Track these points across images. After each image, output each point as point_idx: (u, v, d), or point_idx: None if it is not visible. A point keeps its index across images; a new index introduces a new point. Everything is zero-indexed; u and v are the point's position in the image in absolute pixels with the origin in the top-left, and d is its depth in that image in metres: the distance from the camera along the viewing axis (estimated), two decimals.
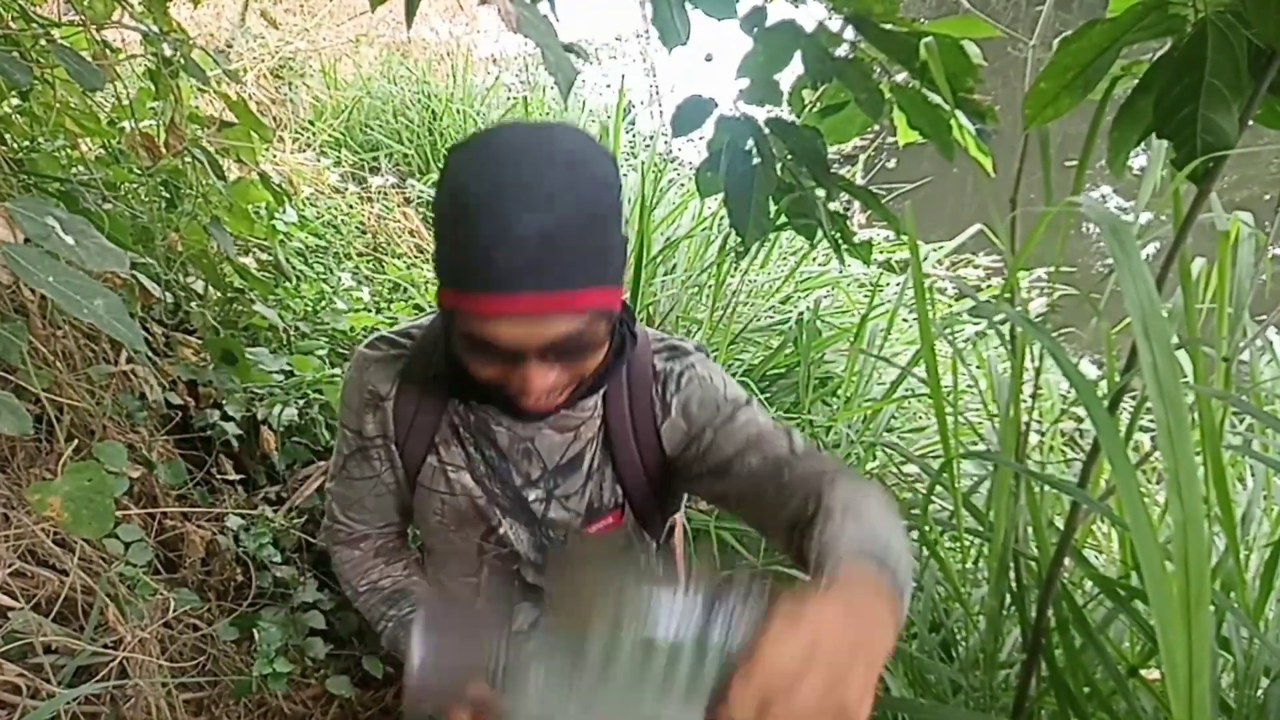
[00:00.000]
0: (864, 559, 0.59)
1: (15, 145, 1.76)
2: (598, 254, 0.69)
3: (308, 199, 3.44)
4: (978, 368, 2.32)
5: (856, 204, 3.67)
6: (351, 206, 3.46)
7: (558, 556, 0.97)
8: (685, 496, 1.04)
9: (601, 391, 0.89)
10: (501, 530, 0.95)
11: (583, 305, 0.69)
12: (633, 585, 0.53)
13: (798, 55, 1.20)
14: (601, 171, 0.69)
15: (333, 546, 1.06)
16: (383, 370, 0.92)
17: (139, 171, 1.89)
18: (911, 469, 2.18)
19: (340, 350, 2.47)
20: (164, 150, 1.79)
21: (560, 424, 0.90)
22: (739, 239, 1.33)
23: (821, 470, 0.75)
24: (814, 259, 3.21)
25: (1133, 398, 1.16)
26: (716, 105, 1.31)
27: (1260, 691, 1.07)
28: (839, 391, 2.29)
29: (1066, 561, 1.05)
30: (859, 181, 1.41)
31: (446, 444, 0.93)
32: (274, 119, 4.25)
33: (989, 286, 3.69)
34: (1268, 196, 5.33)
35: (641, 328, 0.92)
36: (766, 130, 1.29)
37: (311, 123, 4.58)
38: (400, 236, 3.51)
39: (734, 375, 2.32)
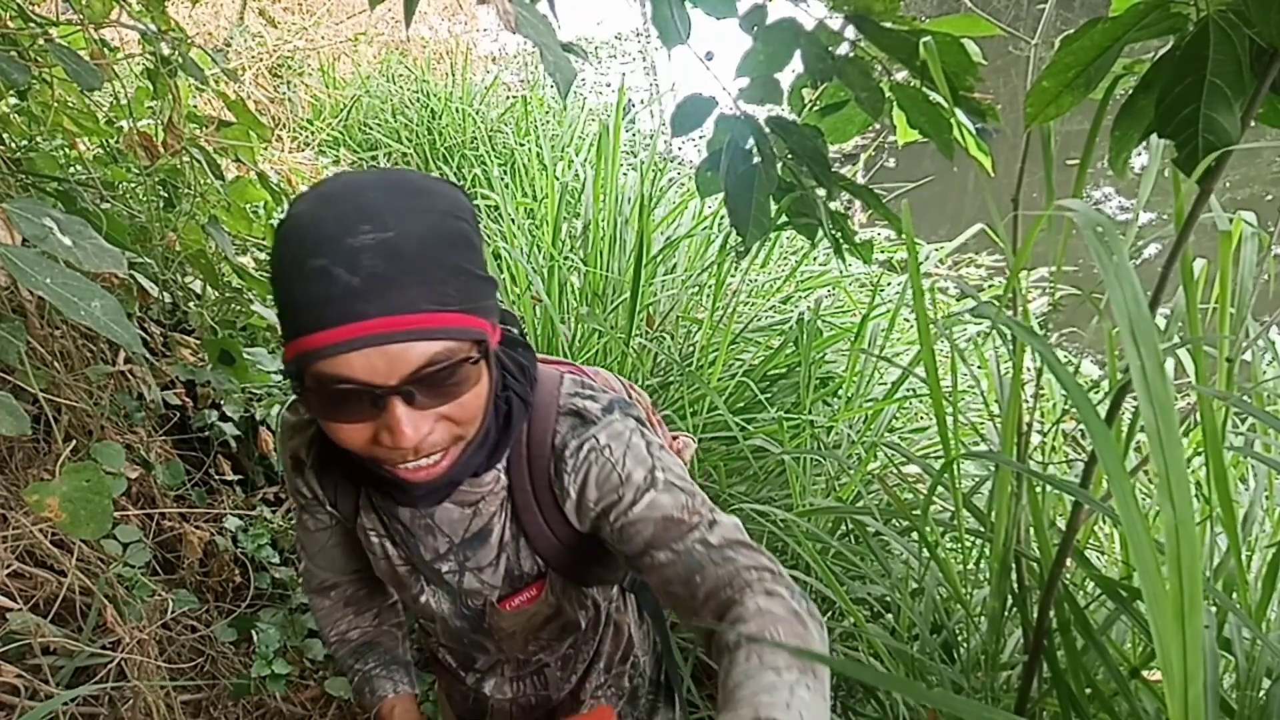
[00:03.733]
0: None
1: (13, 145, 1.76)
2: (451, 276, 0.63)
3: None
4: (979, 367, 2.32)
5: (857, 203, 3.67)
6: None
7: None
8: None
9: (502, 464, 0.84)
10: (424, 599, 0.92)
11: (437, 327, 0.62)
12: None
13: (798, 54, 1.20)
14: (448, 202, 0.65)
15: (307, 593, 1.07)
16: (301, 437, 0.89)
17: (137, 171, 1.88)
18: (912, 469, 2.17)
19: None
20: (162, 149, 1.78)
21: (458, 499, 0.84)
22: (739, 238, 1.33)
23: (732, 577, 0.72)
24: (814, 259, 3.20)
25: (1135, 397, 1.16)
26: (716, 104, 1.30)
27: (1262, 692, 1.06)
28: (840, 391, 2.28)
29: (1068, 562, 1.04)
30: (860, 181, 1.40)
31: (367, 512, 0.90)
32: (272, 118, 4.24)
33: (991, 286, 3.69)
34: (1269, 196, 5.32)
35: (554, 375, 0.86)
36: (767, 129, 1.28)
37: (310, 122, 4.58)
38: None
39: (734, 375, 2.32)
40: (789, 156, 1.33)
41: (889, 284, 2.86)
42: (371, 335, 0.61)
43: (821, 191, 1.35)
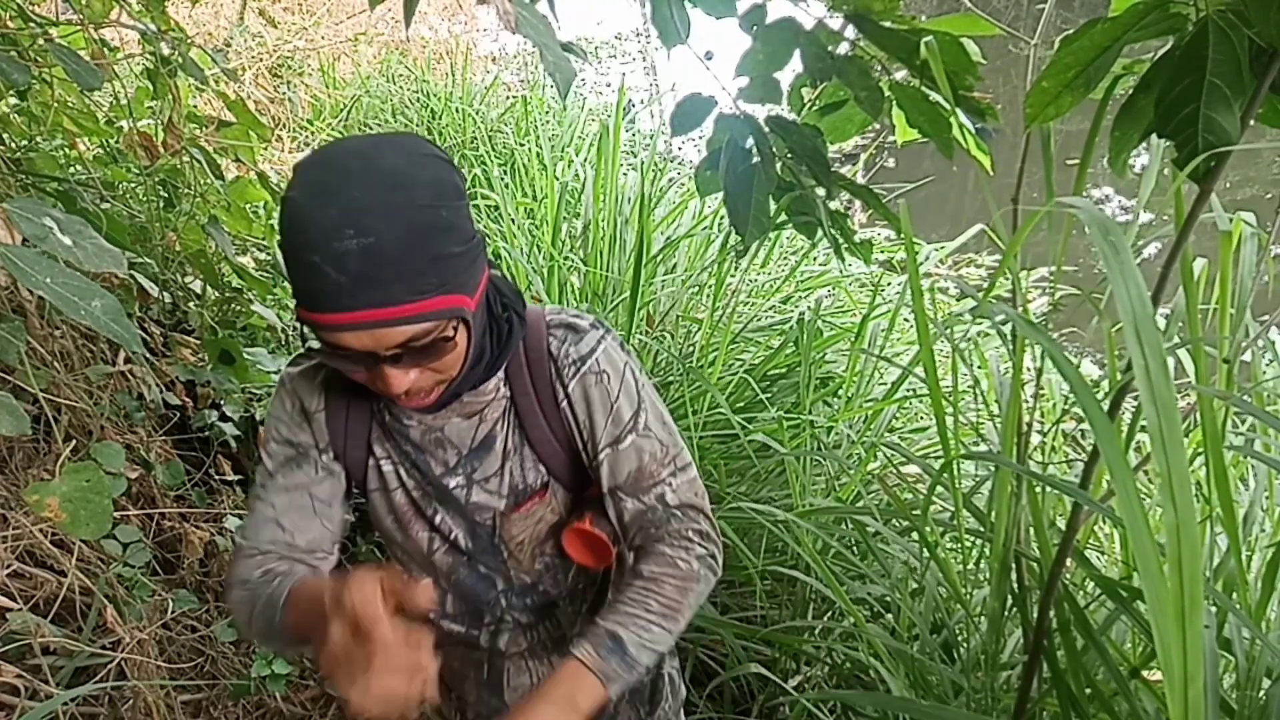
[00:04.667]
0: (600, 646, 0.85)
1: (13, 145, 1.76)
2: (429, 266, 0.72)
3: None
4: (979, 368, 2.32)
5: (857, 203, 3.67)
6: None
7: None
8: None
9: (501, 374, 0.92)
10: (439, 520, 0.97)
11: (416, 314, 0.73)
12: None
13: (797, 53, 1.20)
14: (425, 189, 0.72)
15: (242, 596, 0.89)
16: (307, 383, 0.93)
17: (137, 171, 1.88)
18: (912, 469, 2.17)
19: None
20: (162, 149, 1.78)
21: (465, 410, 0.92)
22: (739, 238, 1.33)
23: (672, 532, 0.94)
24: (814, 259, 3.20)
25: (1135, 397, 1.16)
26: (716, 104, 1.30)
27: (1262, 692, 1.06)
28: (840, 391, 2.28)
29: (1068, 562, 1.04)
30: (860, 180, 1.40)
31: (380, 442, 0.95)
32: (272, 118, 4.25)
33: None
34: (1269, 196, 5.32)
35: (538, 306, 0.96)
36: (766, 129, 1.28)
37: (310, 122, 4.58)
38: None
39: (734, 375, 2.32)
40: (788, 156, 1.33)
41: (889, 284, 2.86)
42: (359, 323, 0.72)
43: (821, 191, 1.35)
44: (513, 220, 3.33)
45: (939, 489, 1.51)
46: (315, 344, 0.94)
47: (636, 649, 0.86)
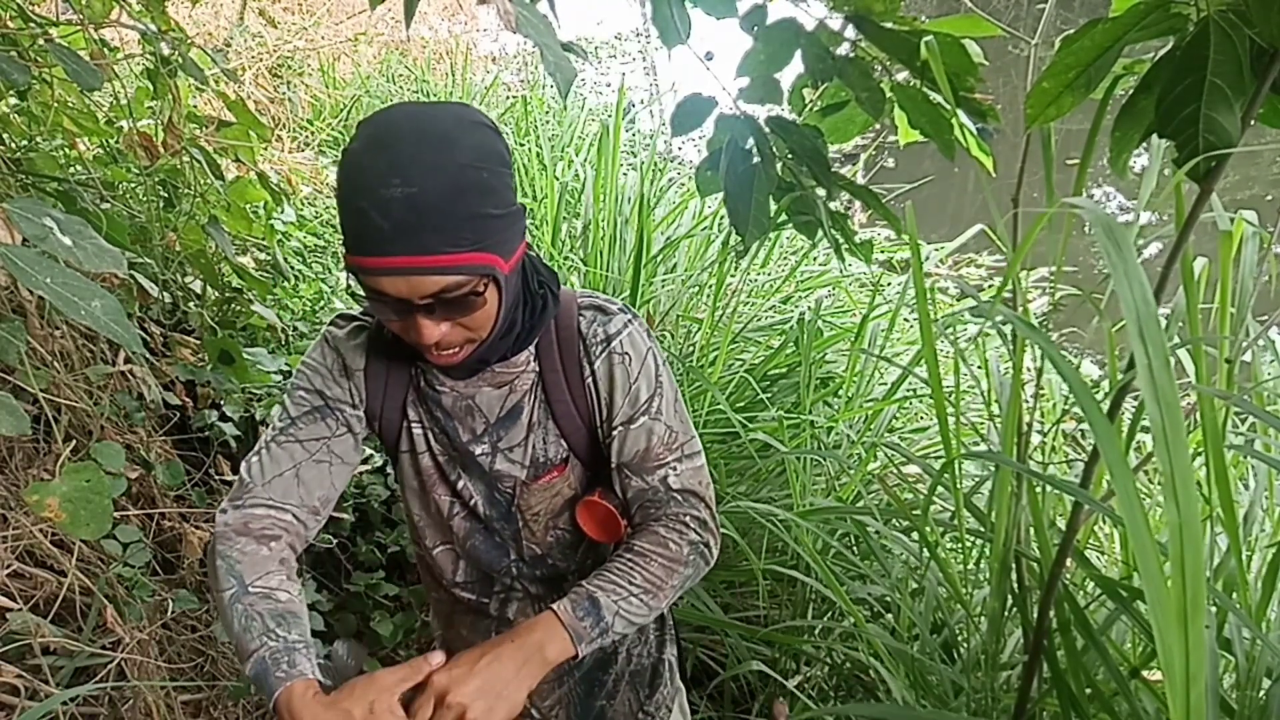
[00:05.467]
0: (578, 606, 0.88)
1: (13, 145, 1.75)
2: (466, 222, 0.77)
3: (306, 198, 3.44)
4: (979, 368, 2.32)
5: (857, 203, 3.67)
6: None
7: None
8: None
9: (532, 348, 0.97)
10: (460, 485, 1.00)
11: (449, 265, 0.77)
12: None
13: (798, 54, 1.20)
14: (470, 151, 0.78)
15: (234, 538, 0.92)
16: (351, 342, 0.97)
17: (137, 171, 1.88)
18: (913, 469, 2.17)
19: None
20: (162, 150, 1.78)
21: (495, 380, 0.97)
22: (739, 238, 1.33)
23: (669, 515, 0.97)
24: (814, 259, 3.20)
25: (1135, 397, 1.16)
26: (716, 104, 1.30)
27: (1262, 692, 1.06)
28: (840, 392, 2.28)
29: (1068, 562, 1.04)
30: (860, 181, 1.40)
31: (415, 405, 0.99)
32: (272, 118, 4.24)
33: (991, 286, 3.69)
34: (1270, 196, 5.32)
35: (567, 288, 1.01)
36: (767, 129, 1.28)
37: (310, 122, 4.58)
38: None
39: (734, 374, 2.32)
40: (789, 156, 1.33)
41: (889, 284, 2.86)
42: (396, 268, 0.77)
43: (821, 191, 1.35)
44: None
45: (939, 489, 1.51)
46: (356, 312, 1.00)
47: (612, 616, 0.89)
